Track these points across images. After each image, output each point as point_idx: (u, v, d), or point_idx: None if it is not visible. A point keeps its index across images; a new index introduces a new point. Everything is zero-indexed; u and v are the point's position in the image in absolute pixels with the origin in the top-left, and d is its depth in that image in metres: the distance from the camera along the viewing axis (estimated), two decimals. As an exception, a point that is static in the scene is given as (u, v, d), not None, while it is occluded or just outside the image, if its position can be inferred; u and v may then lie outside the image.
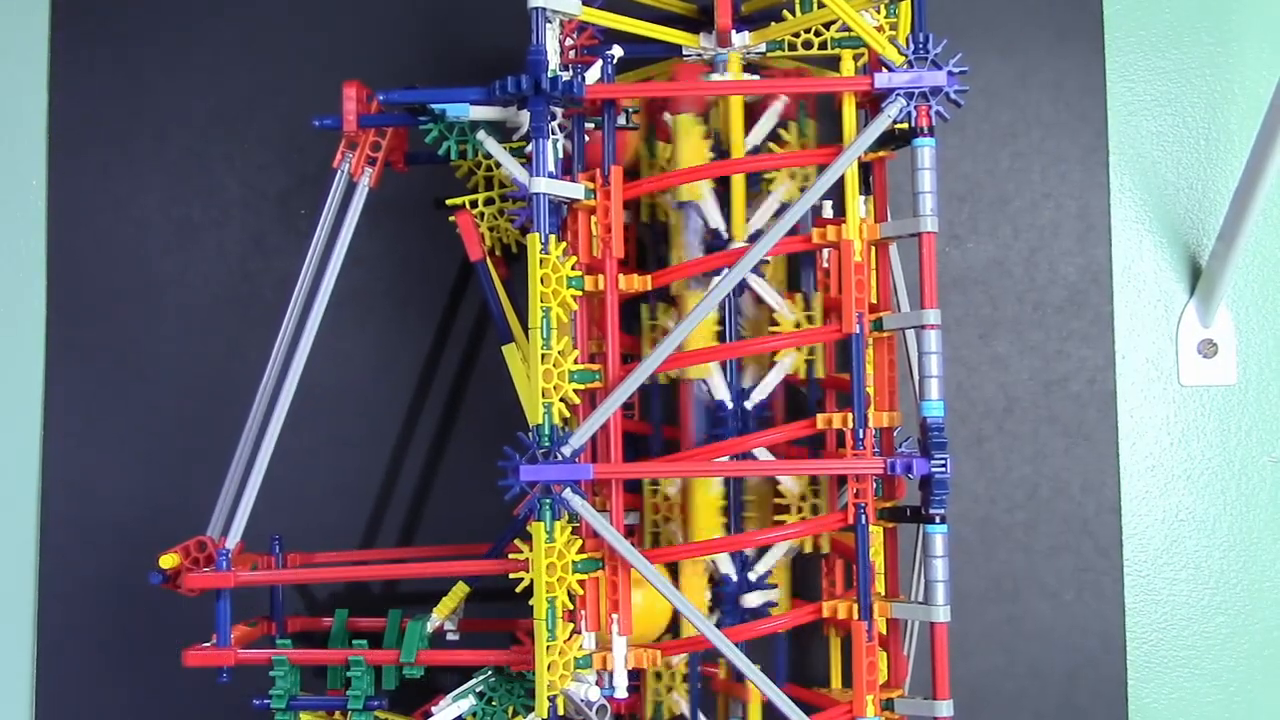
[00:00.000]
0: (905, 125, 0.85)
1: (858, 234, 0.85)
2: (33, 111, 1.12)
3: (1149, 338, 1.08)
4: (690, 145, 0.91)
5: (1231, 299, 1.08)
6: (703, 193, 0.91)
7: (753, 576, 0.92)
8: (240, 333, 1.09)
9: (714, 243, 0.92)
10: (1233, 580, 1.07)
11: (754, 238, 0.91)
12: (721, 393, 0.92)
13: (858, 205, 0.86)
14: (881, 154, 0.92)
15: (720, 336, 0.92)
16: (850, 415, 0.85)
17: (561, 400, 0.84)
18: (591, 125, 0.90)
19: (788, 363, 0.93)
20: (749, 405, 0.92)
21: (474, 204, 0.99)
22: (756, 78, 0.95)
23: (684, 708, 0.92)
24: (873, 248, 0.89)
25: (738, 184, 0.91)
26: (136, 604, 1.06)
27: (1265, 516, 1.07)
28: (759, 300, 0.93)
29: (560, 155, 0.87)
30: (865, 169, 0.92)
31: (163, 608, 0.98)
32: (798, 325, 0.93)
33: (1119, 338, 1.07)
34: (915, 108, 0.84)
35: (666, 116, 0.94)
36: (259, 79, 1.11)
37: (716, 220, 0.92)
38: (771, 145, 0.94)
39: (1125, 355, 1.07)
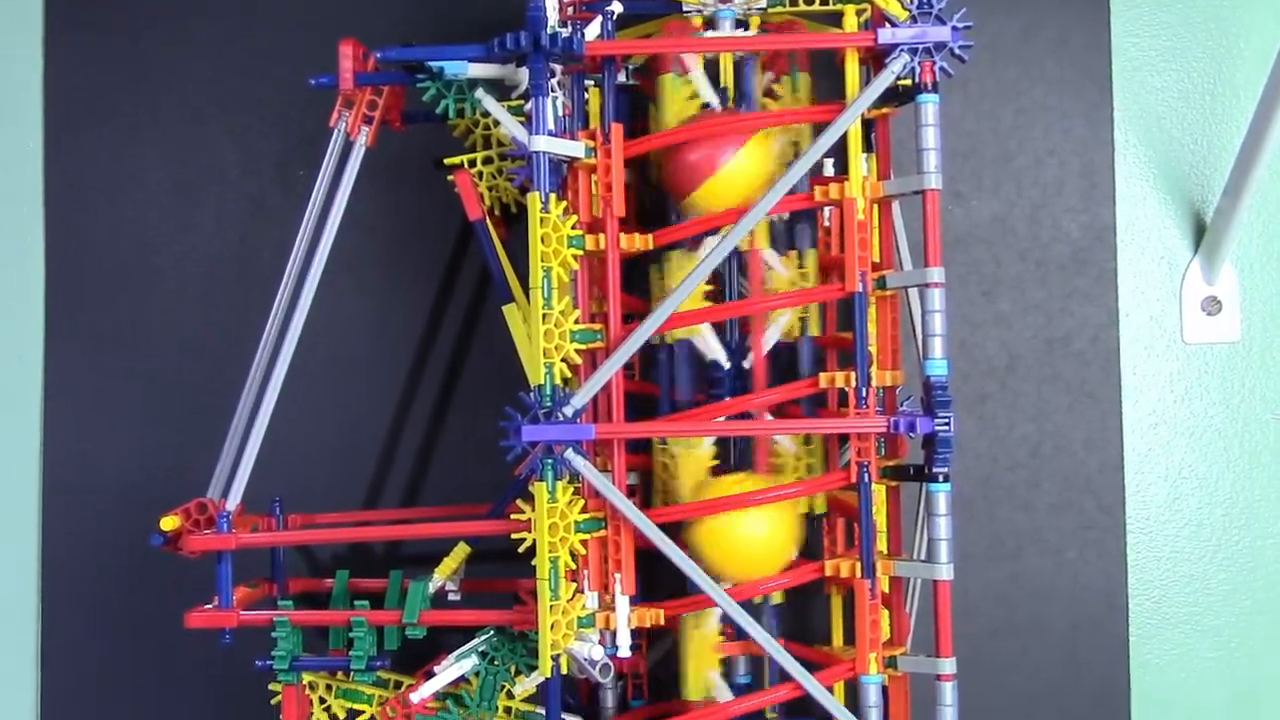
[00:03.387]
0: (909, 81, 0.85)
1: (861, 191, 0.85)
2: (29, 77, 1.11)
3: (1153, 295, 1.07)
4: (674, 106, 0.90)
5: (1236, 256, 1.07)
6: None
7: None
8: (240, 296, 1.08)
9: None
10: (1234, 538, 1.07)
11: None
12: (717, 353, 0.91)
13: (860, 163, 0.85)
14: (884, 111, 0.91)
15: (715, 297, 0.91)
16: (853, 374, 0.85)
17: (563, 360, 0.84)
18: (591, 83, 0.89)
19: (783, 322, 0.92)
20: (746, 365, 0.91)
21: (473, 163, 0.99)
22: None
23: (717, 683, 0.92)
24: (875, 205, 0.88)
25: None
26: (138, 566, 1.06)
27: (1268, 474, 1.07)
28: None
29: (560, 113, 0.86)
30: (868, 126, 0.91)
31: (164, 570, 0.98)
32: (792, 284, 0.92)
33: (1122, 295, 1.06)
34: (919, 63, 0.84)
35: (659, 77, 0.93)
36: (256, 41, 1.09)
37: None
38: (765, 101, 0.93)
39: (1129, 313, 1.07)
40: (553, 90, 0.85)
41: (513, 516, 0.86)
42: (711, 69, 0.94)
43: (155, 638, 1.07)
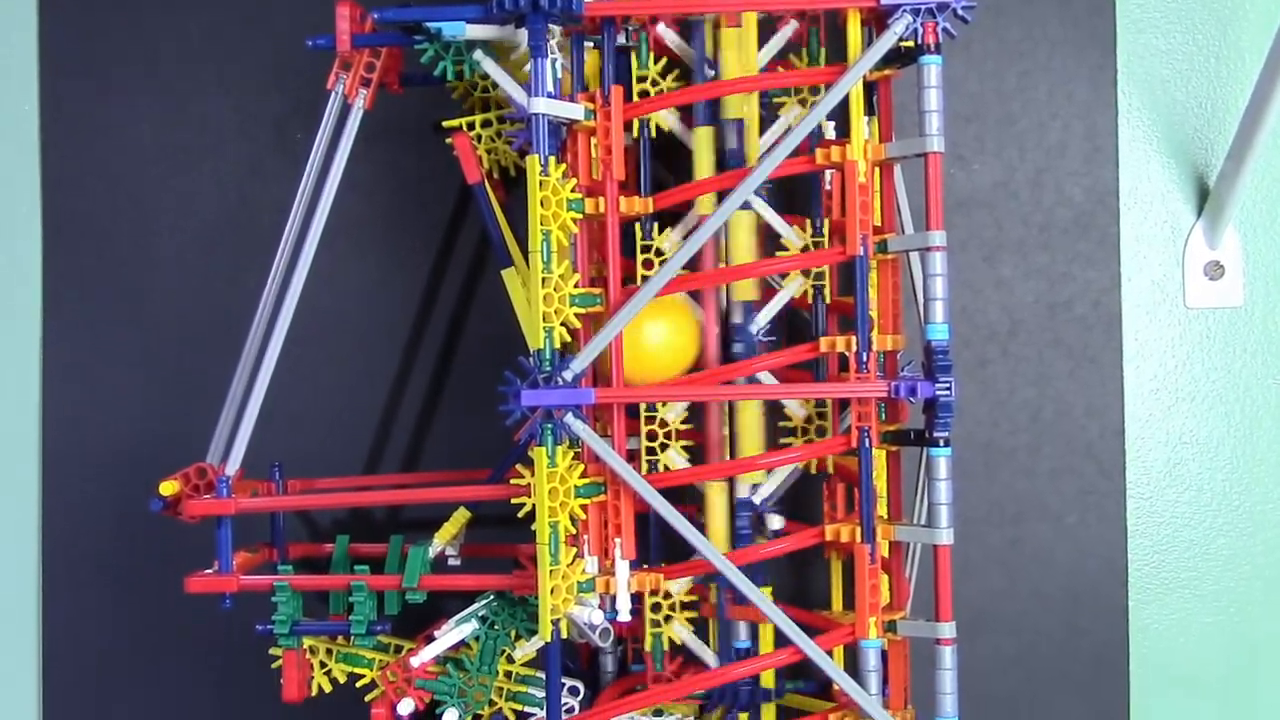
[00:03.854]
0: (911, 43, 0.84)
1: (862, 154, 0.84)
2: (24, 37, 1.10)
3: (1155, 260, 1.07)
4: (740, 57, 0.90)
5: (1239, 220, 1.07)
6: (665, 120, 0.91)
7: (757, 500, 0.91)
8: (237, 259, 1.08)
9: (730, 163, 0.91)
10: (1235, 503, 1.07)
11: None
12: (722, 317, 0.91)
13: (862, 125, 0.84)
14: (887, 72, 0.90)
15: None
16: (854, 338, 0.85)
17: (562, 324, 0.83)
18: (590, 44, 0.88)
19: (793, 287, 0.92)
20: (753, 329, 0.91)
21: (471, 126, 0.98)
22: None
23: (684, 637, 0.93)
24: (877, 169, 0.87)
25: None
26: (138, 531, 1.06)
27: (1269, 439, 1.07)
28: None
29: (559, 75, 0.85)
30: (870, 89, 0.90)
31: (164, 535, 0.98)
32: (805, 249, 0.92)
33: (1125, 260, 1.06)
34: (922, 24, 0.83)
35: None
36: (252, 1, 1.08)
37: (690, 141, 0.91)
38: (781, 69, 0.92)
39: (1131, 277, 1.06)
40: (551, 52, 0.84)
41: (512, 481, 0.85)
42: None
43: (155, 603, 1.07)
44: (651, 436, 0.90)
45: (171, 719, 1.08)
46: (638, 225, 0.90)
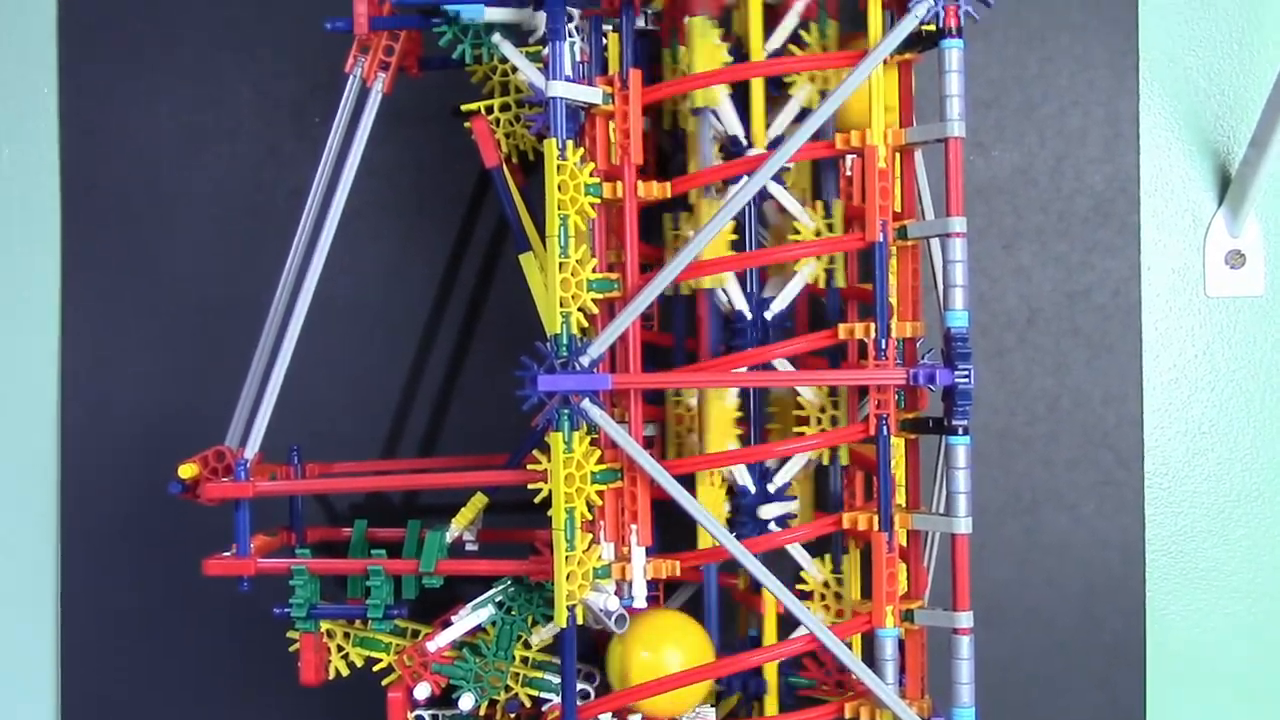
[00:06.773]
0: (933, 26, 0.83)
1: (882, 139, 0.83)
2: (43, 17, 1.10)
3: (1175, 249, 1.06)
4: (705, 48, 0.89)
5: (1261, 208, 1.06)
6: (719, 98, 0.89)
7: (771, 488, 0.91)
8: (255, 242, 1.08)
9: (733, 150, 0.91)
10: (1254, 493, 1.06)
11: (774, 144, 0.90)
12: (740, 303, 0.90)
13: (882, 110, 0.84)
14: (907, 56, 0.89)
15: (737, 246, 0.90)
16: (872, 325, 0.84)
17: (579, 310, 0.83)
18: (609, 27, 0.88)
19: (807, 272, 0.91)
20: (769, 315, 0.91)
21: (490, 110, 0.98)
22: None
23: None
24: (897, 154, 0.87)
25: (757, 88, 0.89)
26: (156, 514, 1.06)
27: (1289, 429, 1.06)
28: (781, 209, 0.91)
29: (577, 58, 0.85)
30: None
31: (183, 517, 0.98)
32: (818, 234, 0.91)
33: (1145, 248, 1.05)
34: (943, 7, 0.82)
35: (686, 20, 0.91)
36: (270, -17, 1.09)
37: (734, 126, 0.90)
38: (792, 48, 0.92)
39: (1151, 266, 1.06)
40: (570, 35, 0.84)
41: (529, 467, 0.85)
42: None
43: (173, 585, 1.08)
44: (679, 421, 0.90)
45: (189, 702, 1.09)
46: (666, 214, 0.90)
